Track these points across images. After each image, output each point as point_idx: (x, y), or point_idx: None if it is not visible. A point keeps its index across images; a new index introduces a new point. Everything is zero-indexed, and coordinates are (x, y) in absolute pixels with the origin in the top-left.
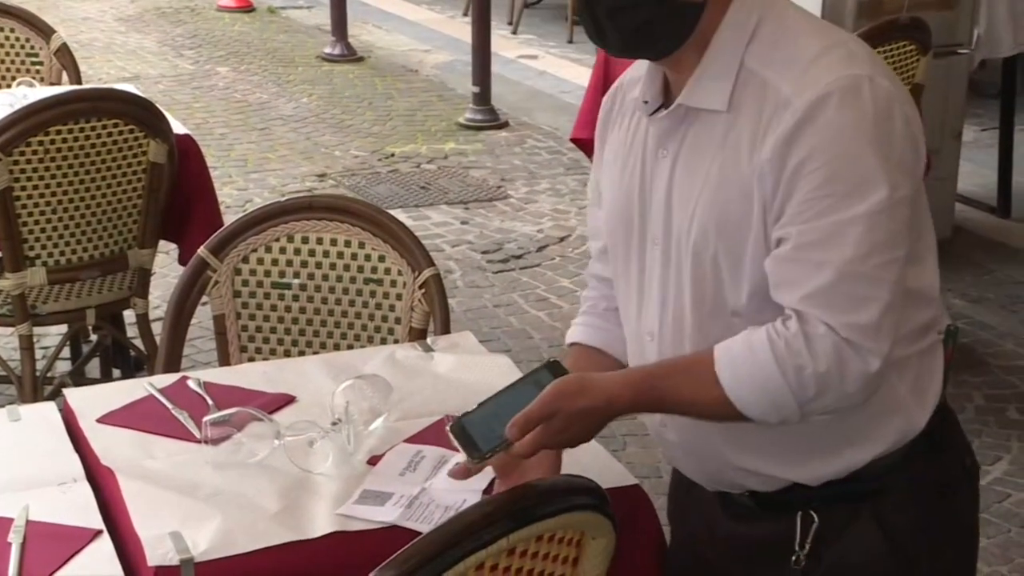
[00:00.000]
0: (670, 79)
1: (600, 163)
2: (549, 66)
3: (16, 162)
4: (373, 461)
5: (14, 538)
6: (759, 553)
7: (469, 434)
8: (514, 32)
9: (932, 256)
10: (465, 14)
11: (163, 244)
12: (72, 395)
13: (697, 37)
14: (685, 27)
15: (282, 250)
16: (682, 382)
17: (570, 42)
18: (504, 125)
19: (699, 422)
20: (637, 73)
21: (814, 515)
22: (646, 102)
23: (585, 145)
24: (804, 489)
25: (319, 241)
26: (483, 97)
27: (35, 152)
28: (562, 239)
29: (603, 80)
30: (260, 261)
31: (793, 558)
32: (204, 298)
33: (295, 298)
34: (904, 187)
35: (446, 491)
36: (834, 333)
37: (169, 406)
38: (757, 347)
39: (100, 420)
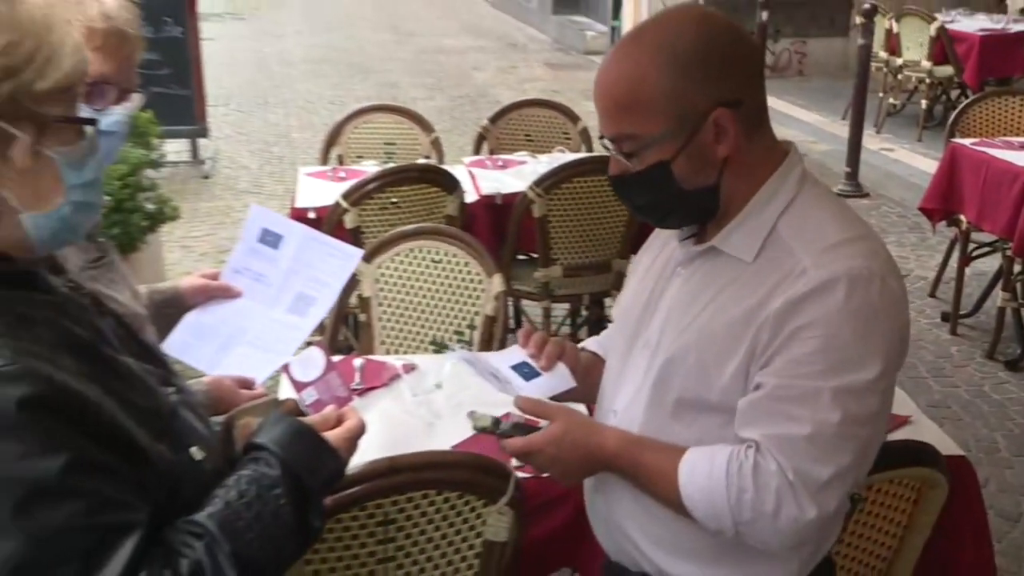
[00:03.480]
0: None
1: (637, 263)
2: (902, 156)
3: (552, 199)
4: None
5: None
6: None
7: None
8: (878, 132)
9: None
10: (843, 118)
11: None
12: None
13: (733, 197)
14: (709, 207)
15: None
16: (655, 460)
17: (919, 140)
18: (866, 195)
19: (624, 497)
20: None
21: None
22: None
23: (928, 213)
24: None
25: None
26: (852, 175)
27: (565, 193)
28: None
29: (948, 172)
30: None
31: None
32: None
33: None
34: (886, 378)
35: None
36: (783, 474)
37: None
38: (717, 461)
39: None
